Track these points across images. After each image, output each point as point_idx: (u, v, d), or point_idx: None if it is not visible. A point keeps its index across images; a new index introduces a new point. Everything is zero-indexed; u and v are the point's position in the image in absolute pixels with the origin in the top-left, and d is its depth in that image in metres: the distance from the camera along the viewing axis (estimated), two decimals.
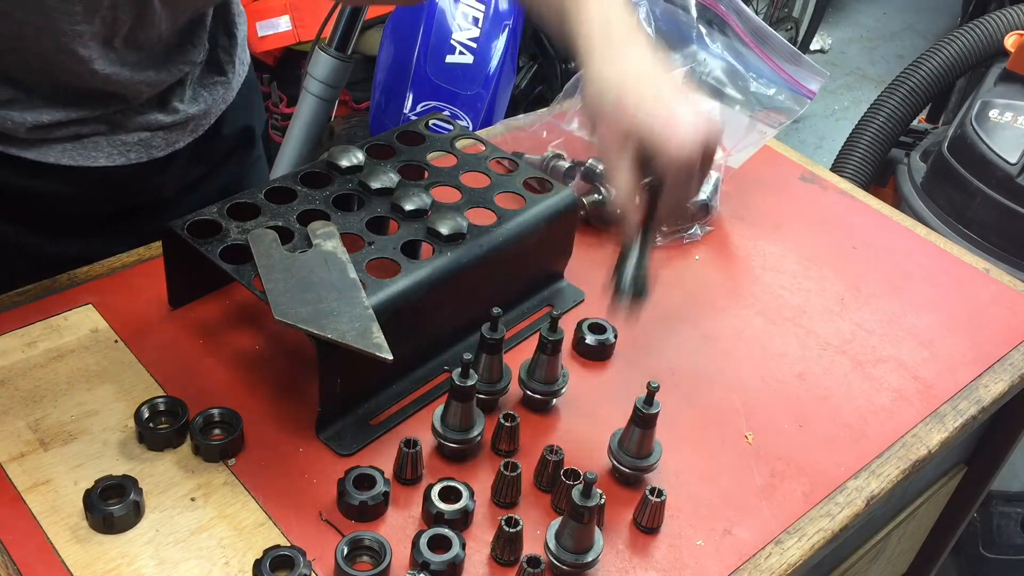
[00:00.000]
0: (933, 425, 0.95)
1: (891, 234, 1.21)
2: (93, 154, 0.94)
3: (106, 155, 0.95)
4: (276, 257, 0.84)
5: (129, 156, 0.96)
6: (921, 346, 1.04)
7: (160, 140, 0.99)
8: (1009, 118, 1.84)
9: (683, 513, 0.83)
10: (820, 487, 0.87)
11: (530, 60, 2.52)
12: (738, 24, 1.14)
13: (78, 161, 0.93)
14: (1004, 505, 1.94)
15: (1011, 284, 1.15)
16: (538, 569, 0.73)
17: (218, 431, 0.82)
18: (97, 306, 0.93)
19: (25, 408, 0.83)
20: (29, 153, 0.91)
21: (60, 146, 0.92)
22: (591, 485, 0.72)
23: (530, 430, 0.88)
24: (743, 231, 1.17)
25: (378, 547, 0.75)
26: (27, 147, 0.91)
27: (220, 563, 0.74)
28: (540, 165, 1.16)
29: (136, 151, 0.97)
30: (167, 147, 1.00)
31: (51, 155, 0.92)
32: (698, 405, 0.93)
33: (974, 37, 2.22)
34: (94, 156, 0.94)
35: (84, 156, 0.94)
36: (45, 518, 0.75)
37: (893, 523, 1.12)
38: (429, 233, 0.89)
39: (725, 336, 1.02)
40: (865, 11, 4.65)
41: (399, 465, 0.81)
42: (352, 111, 2.46)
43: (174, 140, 1.00)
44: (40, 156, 0.92)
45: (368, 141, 1.01)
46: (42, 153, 0.92)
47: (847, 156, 2.29)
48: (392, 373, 0.89)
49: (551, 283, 1.03)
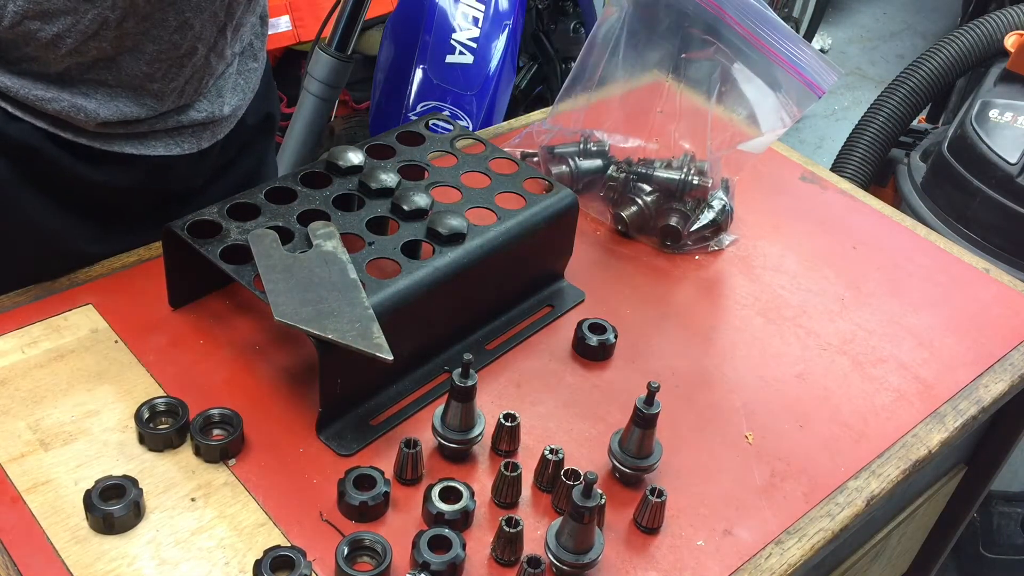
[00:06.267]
0: (933, 425, 0.95)
1: (891, 234, 1.21)
2: (152, 143, 0.96)
3: (164, 144, 0.96)
4: (276, 257, 0.84)
5: (183, 147, 0.98)
6: (921, 346, 1.04)
7: (208, 132, 1.00)
8: (1009, 118, 1.84)
9: (683, 513, 0.83)
10: (820, 487, 0.87)
11: (530, 60, 2.52)
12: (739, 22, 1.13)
13: (140, 150, 0.95)
14: (1004, 505, 1.94)
15: (1011, 284, 1.15)
16: (538, 569, 0.73)
17: (218, 431, 0.82)
18: (97, 306, 0.93)
19: (25, 408, 0.83)
20: (96, 143, 0.92)
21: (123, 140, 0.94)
22: (591, 485, 0.72)
23: (530, 430, 0.88)
24: (743, 231, 1.17)
25: (378, 547, 0.75)
26: (93, 138, 0.92)
27: (220, 563, 0.74)
28: (577, 151, 1.16)
29: (189, 142, 0.98)
30: (212, 137, 1.01)
31: (115, 144, 0.93)
32: (698, 405, 0.93)
33: (974, 37, 2.23)
34: (153, 145, 0.96)
35: (145, 146, 0.95)
36: (45, 518, 0.75)
37: (893, 523, 1.12)
38: (429, 233, 0.89)
39: (725, 336, 1.02)
40: (865, 11, 4.65)
41: (399, 465, 0.81)
42: (352, 111, 2.46)
43: (219, 131, 1.02)
44: (105, 145, 0.93)
45: (368, 141, 1.01)
46: (107, 142, 0.93)
47: (847, 156, 2.29)
48: (392, 373, 0.89)
49: (551, 283, 1.03)
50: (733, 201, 1.15)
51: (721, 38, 1.10)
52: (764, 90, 1.10)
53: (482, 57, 2.02)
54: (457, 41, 2.02)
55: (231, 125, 1.04)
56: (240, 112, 1.04)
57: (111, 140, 0.93)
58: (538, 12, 2.54)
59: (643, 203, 1.12)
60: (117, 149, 0.93)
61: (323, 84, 1.73)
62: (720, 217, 1.12)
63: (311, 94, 1.75)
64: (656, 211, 1.13)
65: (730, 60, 1.10)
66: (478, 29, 2.03)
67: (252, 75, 1.05)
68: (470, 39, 2.02)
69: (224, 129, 1.03)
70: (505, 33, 2.05)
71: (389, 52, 2.06)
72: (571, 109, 1.19)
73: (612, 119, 1.18)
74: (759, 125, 1.12)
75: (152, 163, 0.97)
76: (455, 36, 2.03)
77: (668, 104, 1.17)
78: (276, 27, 2.21)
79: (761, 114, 1.11)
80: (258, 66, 1.06)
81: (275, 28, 2.21)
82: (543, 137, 1.19)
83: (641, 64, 1.16)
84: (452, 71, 2.01)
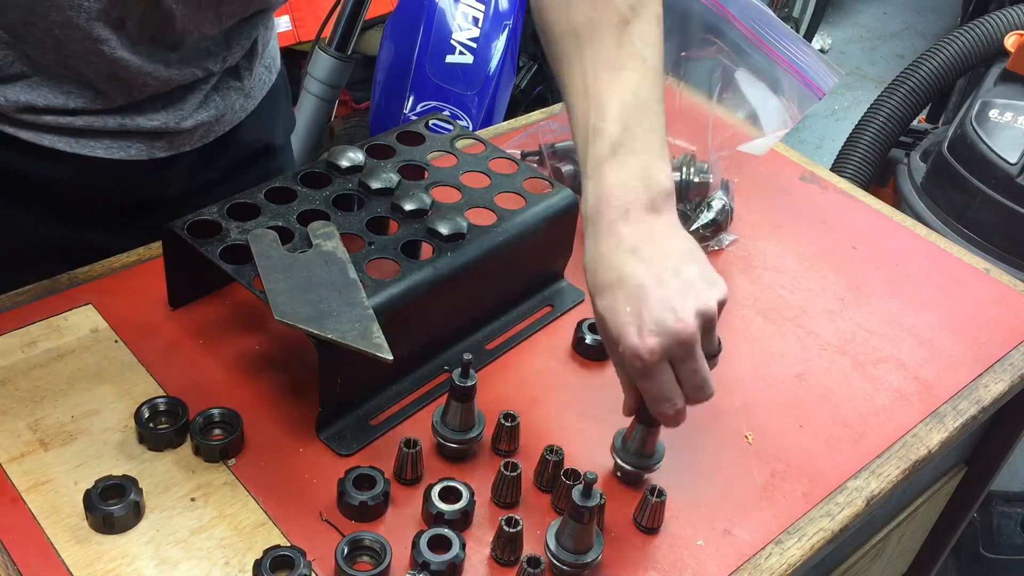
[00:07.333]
0: (933, 425, 0.95)
1: (891, 234, 1.21)
2: (91, 143, 0.93)
3: (104, 147, 0.94)
4: (276, 257, 0.84)
5: (130, 152, 0.95)
6: (921, 346, 1.04)
7: (163, 143, 0.97)
8: (1009, 118, 1.84)
9: (683, 513, 0.83)
10: (820, 487, 0.87)
11: (530, 60, 2.52)
12: (742, 22, 1.13)
13: (74, 148, 0.92)
14: (1004, 505, 1.94)
15: (1011, 284, 1.15)
16: (538, 569, 0.73)
17: (218, 431, 0.82)
18: (97, 306, 0.93)
19: (25, 408, 0.83)
20: (23, 133, 0.90)
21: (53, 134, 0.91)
22: (591, 485, 0.72)
23: (530, 430, 0.88)
24: (743, 231, 1.17)
25: (378, 547, 0.75)
26: (20, 127, 0.90)
27: (220, 563, 0.74)
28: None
29: (137, 149, 0.96)
30: (170, 149, 0.98)
31: (45, 139, 0.91)
32: (698, 405, 0.93)
33: (974, 37, 2.23)
34: (91, 146, 0.93)
35: (81, 145, 0.93)
36: (45, 518, 0.75)
37: (893, 523, 1.12)
38: (429, 233, 0.89)
39: (725, 336, 1.02)
40: (865, 11, 4.65)
41: (399, 465, 0.81)
42: (352, 111, 2.46)
43: (179, 144, 0.99)
44: (34, 138, 0.91)
45: (368, 141, 1.01)
46: (36, 136, 0.91)
47: (847, 156, 2.29)
48: (392, 373, 0.89)
49: (551, 283, 1.03)
50: (733, 201, 1.15)
51: (723, 38, 1.10)
52: (765, 92, 1.10)
53: (482, 57, 2.02)
54: (457, 41, 2.02)
55: (203, 140, 1.01)
56: (217, 130, 1.01)
57: (40, 133, 0.90)
58: None
59: None
60: (48, 144, 0.91)
61: (323, 84, 1.74)
62: (720, 217, 1.12)
63: (311, 94, 1.76)
64: None
65: (732, 60, 1.10)
66: (478, 29, 2.03)
67: (234, 94, 1.02)
68: (470, 39, 2.02)
69: (188, 142, 0.99)
70: (505, 33, 2.05)
71: (389, 52, 2.06)
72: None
73: None
74: (760, 126, 1.12)
75: (92, 163, 0.94)
76: (455, 36, 2.03)
77: (668, 103, 1.17)
78: (276, 27, 2.21)
79: (762, 116, 1.12)
80: (242, 86, 1.02)
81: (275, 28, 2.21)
82: (548, 136, 1.19)
83: None
84: (452, 71, 2.01)
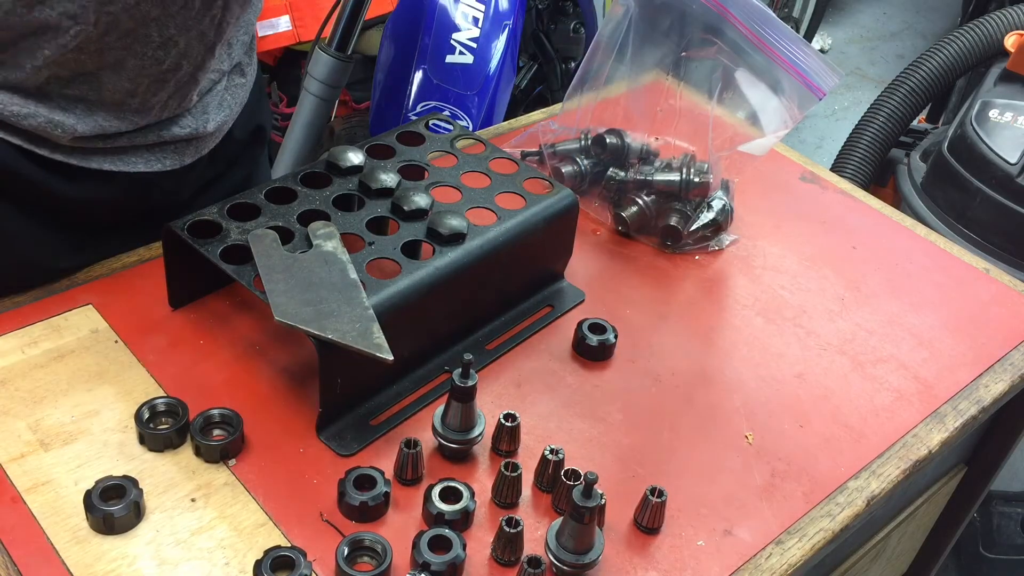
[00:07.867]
0: (933, 425, 0.95)
1: (891, 234, 1.21)
2: (133, 159, 0.94)
3: (144, 161, 0.95)
4: (276, 257, 0.84)
5: (164, 163, 0.96)
6: (921, 346, 1.04)
7: (192, 149, 0.99)
8: (1009, 118, 1.85)
9: (683, 513, 0.83)
10: (820, 487, 0.87)
11: (530, 60, 2.53)
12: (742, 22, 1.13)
13: (118, 166, 0.93)
14: (1004, 505, 1.94)
15: (1011, 284, 1.15)
16: (539, 569, 0.73)
17: (218, 431, 0.82)
18: (97, 306, 0.93)
19: (25, 408, 0.83)
20: (72, 159, 0.90)
21: (100, 156, 0.92)
22: (591, 485, 0.72)
23: (530, 430, 0.88)
24: (743, 231, 1.17)
25: (379, 548, 0.75)
26: (69, 153, 0.90)
27: (220, 564, 0.74)
28: (579, 148, 1.16)
29: (171, 158, 0.97)
30: (196, 153, 0.99)
31: (92, 161, 0.91)
32: (698, 405, 0.93)
33: (974, 37, 2.23)
34: (132, 162, 0.94)
35: (123, 162, 0.93)
36: (45, 519, 0.75)
37: (893, 523, 1.12)
38: (429, 233, 0.89)
39: (725, 336, 1.02)
40: (865, 11, 4.65)
41: (399, 465, 0.81)
42: (352, 111, 2.46)
43: (203, 147, 1.00)
44: (82, 161, 0.90)
45: (368, 141, 1.01)
46: (84, 158, 0.91)
47: (847, 156, 2.29)
48: (392, 373, 0.89)
49: (551, 283, 1.03)
50: (733, 201, 1.15)
51: (723, 38, 1.10)
52: (765, 92, 1.10)
53: (482, 57, 2.02)
54: (457, 41, 2.02)
55: (216, 140, 1.02)
56: (226, 127, 1.03)
57: (88, 156, 0.90)
58: (538, 12, 2.54)
59: (643, 203, 1.12)
60: (95, 166, 0.91)
61: (323, 84, 1.73)
62: (720, 217, 1.12)
63: (311, 94, 1.75)
64: (656, 211, 1.13)
65: (732, 60, 1.10)
66: (478, 29, 2.03)
67: (240, 91, 1.03)
68: (470, 39, 2.02)
69: (209, 145, 1.01)
70: (505, 33, 2.05)
71: (389, 52, 2.06)
72: (577, 108, 1.20)
73: (618, 118, 1.18)
74: (760, 126, 1.12)
75: (131, 179, 0.95)
76: (455, 36, 2.03)
77: (668, 103, 1.17)
78: (276, 27, 2.21)
79: (762, 116, 1.12)
80: (246, 81, 1.04)
81: (275, 28, 2.21)
82: (548, 136, 1.19)
83: (647, 63, 1.16)
84: (452, 71, 2.01)
